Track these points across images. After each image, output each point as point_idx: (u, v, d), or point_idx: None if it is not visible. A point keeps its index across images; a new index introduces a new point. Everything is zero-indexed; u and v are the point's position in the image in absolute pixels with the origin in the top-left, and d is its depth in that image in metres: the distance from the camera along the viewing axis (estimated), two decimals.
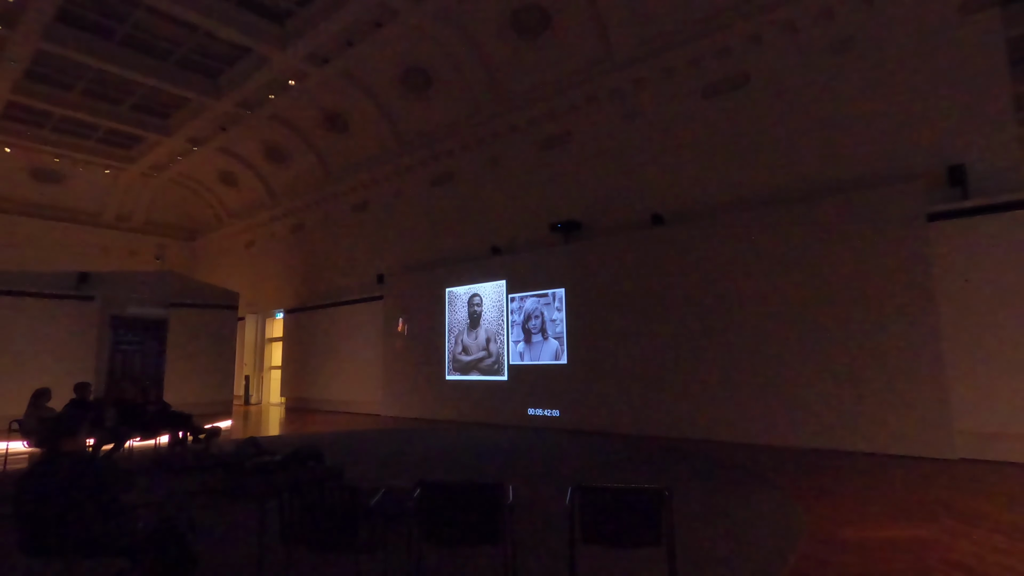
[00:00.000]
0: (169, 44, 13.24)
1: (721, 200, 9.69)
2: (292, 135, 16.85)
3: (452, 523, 2.85)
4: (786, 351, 8.36)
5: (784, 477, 6.17)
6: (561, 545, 3.16)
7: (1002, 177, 7.26)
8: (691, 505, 4.97)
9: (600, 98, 11.45)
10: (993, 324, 6.93)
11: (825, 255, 8.15)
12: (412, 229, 15.18)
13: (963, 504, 4.93)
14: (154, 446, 8.58)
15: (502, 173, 13.21)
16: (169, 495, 5.67)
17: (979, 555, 3.66)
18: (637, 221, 10.55)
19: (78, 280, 10.98)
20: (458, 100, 13.52)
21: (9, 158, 18.11)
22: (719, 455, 7.67)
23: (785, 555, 3.71)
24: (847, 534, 4.13)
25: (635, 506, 2.72)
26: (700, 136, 10.13)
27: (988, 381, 6.89)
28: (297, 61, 13.07)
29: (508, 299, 12.15)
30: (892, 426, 7.38)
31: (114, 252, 21.74)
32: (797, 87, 9.11)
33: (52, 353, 10.30)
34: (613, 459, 7.68)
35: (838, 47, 8.74)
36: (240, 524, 4.54)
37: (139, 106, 16.08)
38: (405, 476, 6.09)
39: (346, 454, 8.07)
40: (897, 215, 7.62)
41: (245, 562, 3.63)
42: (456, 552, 3.68)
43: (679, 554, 2.69)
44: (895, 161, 8.10)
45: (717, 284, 9.15)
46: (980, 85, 7.56)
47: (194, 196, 22.45)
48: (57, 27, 12.26)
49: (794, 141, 9.07)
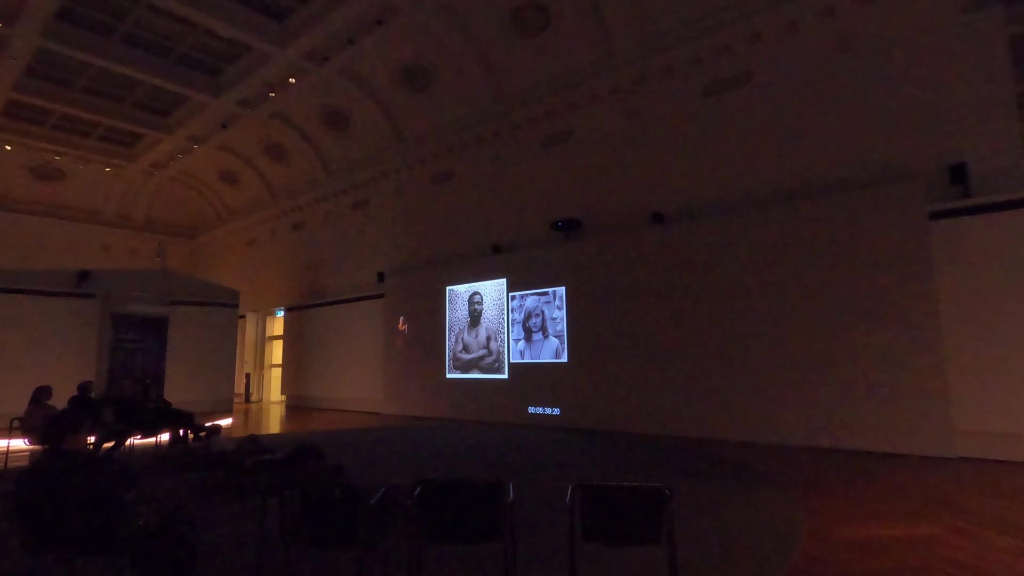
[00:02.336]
0: (169, 41, 13.23)
1: (722, 199, 9.68)
2: (293, 133, 16.85)
3: (452, 521, 2.85)
4: (787, 350, 8.35)
5: (784, 475, 6.17)
6: (561, 543, 3.16)
7: (1004, 175, 7.25)
8: (691, 503, 4.97)
9: (601, 96, 11.44)
10: (994, 322, 6.92)
11: (826, 253, 8.14)
12: (413, 227, 15.18)
13: (963, 503, 4.93)
14: (155, 444, 8.60)
15: (503, 171, 13.20)
16: (170, 493, 5.67)
17: (979, 554, 3.66)
18: (638, 219, 10.54)
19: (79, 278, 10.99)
20: (459, 98, 13.50)
21: (10, 156, 18.10)
22: (719, 453, 7.67)
23: (785, 553, 3.71)
24: (847, 532, 4.13)
25: (635, 504, 2.72)
26: (701, 135, 10.11)
27: (989, 379, 6.89)
28: (298, 59, 13.07)
29: (509, 297, 12.15)
30: (892, 425, 7.37)
31: (115, 250, 21.76)
32: (798, 85, 9.09)
33: (53, 351, 10.32)
34: (613, 457, 7.68)
35: (839, 45, 8.72)
36: (240, 522, 4.55)
37: (139, 104, 16.07)
38: (405, 474, 6.10)
39: (346, 452, 8.08)
40: (898, 213, 7.61)
41: (245, 560, 3.64)
42: (456, 550, 3.68)
43: (679, 552, 2.69)
44: (896, 159, 8.09)
45: (717, 282, 9.14)
46: (982, 83, 7.54)
47: (195, 194, 22.46)
48: (57, 24, 12.26)
49: (795, 140, 9.06)
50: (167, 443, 8.39)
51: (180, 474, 6.64)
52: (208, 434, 8.25)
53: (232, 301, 13.37)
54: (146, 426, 8.11)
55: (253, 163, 19.08)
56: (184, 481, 6.18)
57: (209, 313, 12.73)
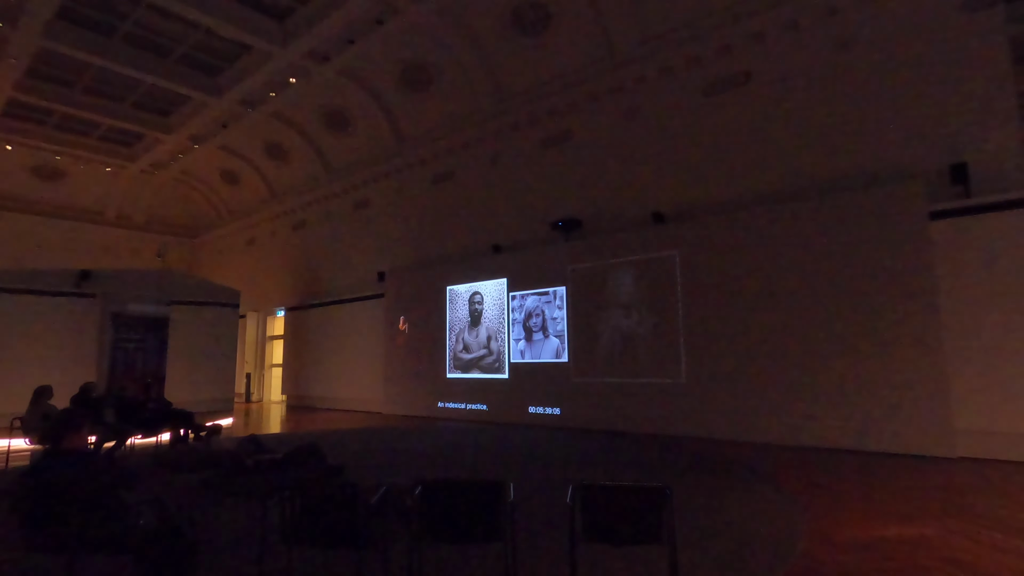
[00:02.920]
0: (170, 41, 13.24)
1: (722, 199, 9.67)
2: (293, 133, 16.85)
3: (453, 521, 2.85)
4: (787, 349, 8.35)
5: (784, 475, 6.17)
6: (562, 543, 3.17)
7: (1004, 175, 7.24)
8: (692, 503, 4.97)
9: (601, 96, 11.43)
10: (995, 322, 6.92)
11: (827, 253, 8.13)
12: (413, 227, 15.18)
13: (964, 503, 4.93)
14: (155, 444, 8.60)
15: (503, 171, 13.20)
16: (170, 493, 5.67)
17: (979, 553, 3.66)
18: (638, 219, 10.54)
19: (79, 278, 10.98)
20: (459, 98, 13.50)
21: (11, 156, 18.12)
22: (719, 453, 7.67)
23: (785, 554, 3.71)
24: (847, 533, 4.13)
25: (636, 504, 2.72)
26: (701, 134, 10.10)
27: (990, 379, 6.88)
28: (298, 59, 13.07)
29: (509, 297, 12.15)
30: (893, 425, 7.37)
31: (115, 250, 21.76)
32: (799, 85, 9.09)
33: (53, 351, 10.31)
34: (614, 457, 7.68)
35: (840, 45, 8.71)
36: (241, 522, 4.55)
37: (140, 104, 16.08)
38: (406, 474, 6.10)
39: (347, 452, 8.08)
40: (899, 213, 7.61)
41: (246, 560, 3.64)
42: (457, 550, 3.68)
43: (679, 552, 2.69)
44: (897, 159, 8.08)
45: (716, 282, 9.13)
46: (983, 83, 7.53)
47: (195, 194, 22.47)
48: (58, 24, 12.26)
49: (796, 139, 9.05)
50: (167, 443, 8.39)
51: (180, 474, 6.64)
52: (208, 434, 8.25)
53: (233, 301, 13.36)
54: (146, 426, 8.11)
55: (254, 163, 19.08)
56: (184, 481, 6.17)
57: (210, 313, 12.73)
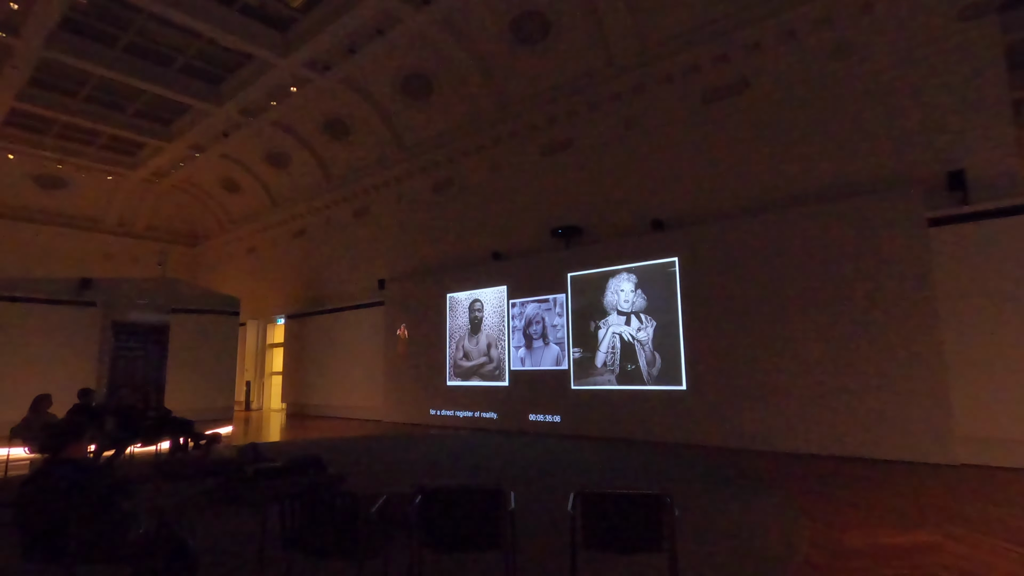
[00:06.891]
0: (172, 51, 13.33)
1: (721, 206, 9.70)
2: (294, 141, 16.92)
3: (453, 529, 2.84)
4: (786, 357, 8.34)
5: (785, 483, 6.16)
6: (563, 551, 3.16)
7: (1002, 182, 7.27)
8: (692, 510, 4.95)
9: (600, 104, 11.50)
10: (994, 329, 6.92)
11: (825, 260, 8.15)
12: (413, 235, 15.21)
13: (964, 509, 4.92)
14: (155, 452, 8.57)
15: (503, 179, 13.25)
16: (170, 501, 5.66)
17: (981, 560, 3.65)
18: (638, 226, 10.57)
19: (80, 286, 11.01)
20: (459, 106, 13.58)
21: (12, 164, 18.19)
22: (720, 460, 7.65)
23: (786, 561, 3.70)
24: (849, 540, 4.12)
25: (637, 512, 2.72)
26: (700, 142, 10.15)
27: (989, 386, 6.88)
28: (299, 68, 13.15)
29: (509, 304, 12.16)
30: (893, 432, 7.36)
31: (116, 258, 21.80)
32: (796, 93, 9.14)
33: (54, 359, 10.32)
34: (614, 464, 7.66)
35: (837, 53, 8.77)
36: (241, 530, 4.53)
37: (141, 113, 16.17)
38: (406, 482, 6.08)
39: (347, 460, 8.06)
40: (897, 220, 7.63)
41: (246, 569, 3.63)
42: (457, 558, 3.67)
43: (680, 560, 2.69)
44: (895, 167, 8.12)
45: (716, 289, 9.15)
46: (979, 90, 7.58)
47: (196, 202, 22.53)
48: (60, 34, 12.36)
49: (793, 147, 9.10)
50: (167, 451, 8.37)
51: (180, 483, 6.62)
52: (208, 442, 8.22)
53: (233, 309, 13.38)
54: (146, 434, 8.08)
55: (254, 171, 19.15)
56: (184, 490, 6.16)
57: (210, 321, 12.74)
